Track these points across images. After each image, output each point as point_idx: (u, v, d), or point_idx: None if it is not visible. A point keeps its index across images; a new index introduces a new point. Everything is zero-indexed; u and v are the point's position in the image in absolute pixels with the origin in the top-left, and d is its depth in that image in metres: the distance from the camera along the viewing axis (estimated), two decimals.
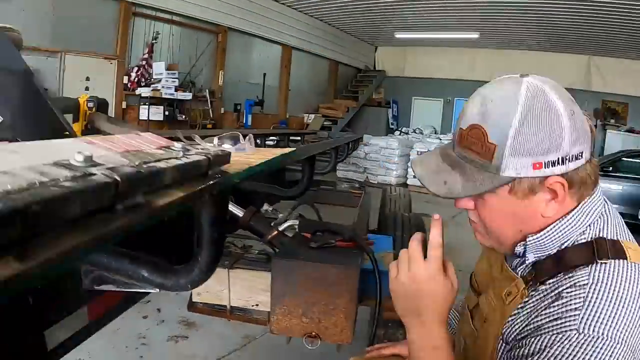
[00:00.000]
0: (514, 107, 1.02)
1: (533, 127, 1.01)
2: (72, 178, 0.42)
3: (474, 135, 1.06)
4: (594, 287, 0.97)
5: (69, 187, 0.40)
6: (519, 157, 1.02)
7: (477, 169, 1.06)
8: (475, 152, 1.06)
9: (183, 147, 0.76)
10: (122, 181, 0.47)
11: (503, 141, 1.02)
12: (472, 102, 1.09)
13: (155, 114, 10.36)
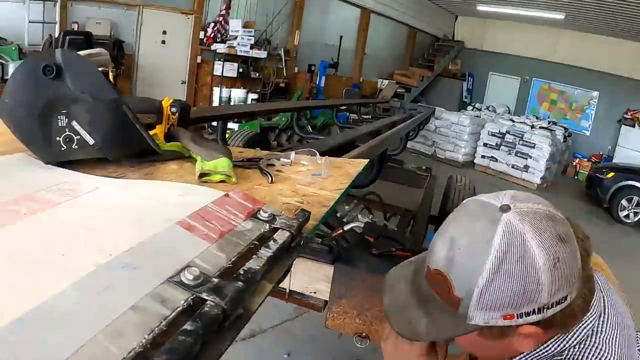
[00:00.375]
0: (483, 260, 0.91)
1: (504, 284, 0.91)
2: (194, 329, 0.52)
3: (439, 280, 0.97)
4: None
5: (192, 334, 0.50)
6: (487, 312, 0.93)
7: (443, 313, 0.98)
8: (441, 296, 0.98)
9: (270, 215, 0.86)
10: (229, 305, 0.58)
11: (469, 295, 0.93)
12: (441, 241, 0.98)
13: (229, 70, 10.54)
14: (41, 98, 1.19)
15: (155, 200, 0.94)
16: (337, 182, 1.40)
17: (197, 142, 1.38)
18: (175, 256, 0.66)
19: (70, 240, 0.74)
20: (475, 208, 0.97)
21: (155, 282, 0.59)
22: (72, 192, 0.99)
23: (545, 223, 0.92)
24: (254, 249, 0.74)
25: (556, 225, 0.93)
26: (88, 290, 0.56)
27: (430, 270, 0.99)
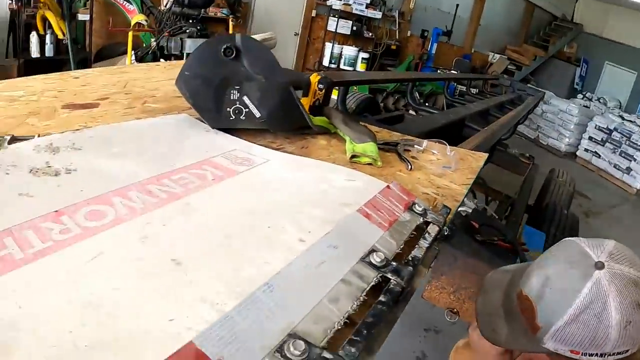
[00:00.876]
0: (568, 306, 1.05)
1: (578, 330, 1.05)
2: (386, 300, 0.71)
3: (527, 305, 1.11)
4: None
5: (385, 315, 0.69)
6: (559, 343, 1.07)
7: (522, 330, 1.13)
8: (525, 317, 1.12)
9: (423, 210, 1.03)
10: (406, 286, 0.76)
11: (547, 328, 1.07)
12: (537, 275, 1.12)
13: (342, 27, 10.63)
14: (219, 74, 1.40)
15: (327, 183, 1.12)
16: (464, 176, 1.55)
17: (348, 124, 1.55)
18: (361, 240, 0.85)
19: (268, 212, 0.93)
20: (574, 254, 1.10)
21: (352, 261, 0.78)
22: (247, 162, 1.19)
23: (630, 289, 1.04)
24: (414, 238, 0.93)
25: (639, 291, 1.05)
26: (309, 264, 0.76)
27: (522, 293, 1.12)
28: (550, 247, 1.17)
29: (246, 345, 0.58)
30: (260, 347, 0.58)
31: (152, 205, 0.88)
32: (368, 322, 0.66)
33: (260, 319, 0.63)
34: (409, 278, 0.79)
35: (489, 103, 5.24)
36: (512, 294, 1.18)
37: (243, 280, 0.70)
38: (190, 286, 0.68)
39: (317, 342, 0.61)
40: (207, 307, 0.64)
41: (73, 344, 0.55)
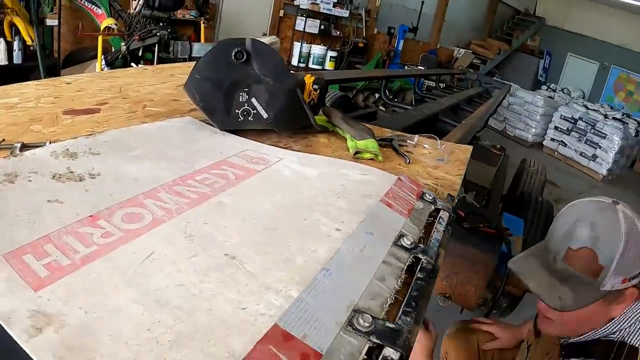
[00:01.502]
0: (619, 237, 1.28)
1: (631, 253, 1.28)
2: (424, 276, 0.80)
3: (583, 256, 1.32)
4: None
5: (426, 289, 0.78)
6: (618, 276, 1.30)
7: (580, 284, 1.32)
8: (581, 269, 1.32)
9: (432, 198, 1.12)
10: (435, 264, 0.85)
11: (610, 263, 1.29)
12: (581, 226, 1.34)
13: (310, 26, 10.82)
14: (229, 77, 1.46)
15: (344, 178, 1.20)
16: (456, 167, 1.64)
17: (348, 122, 1.64)
18: (390, 226, 0.94)
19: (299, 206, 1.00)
20: (593, 204, 1.36)
21: (387, 245, 0.87)
22: (262, 161, 1.25)
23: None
24: (431, 224, 1.02)
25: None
26: (353, 249, 0.84)
27: (571, 250, 1.34)
28: (562, 212, 1.44)
29: (322, 322, 0.65)
30: (334, 323, 0.66)
31: (186, 206, 0.93)
32: (414, 295, 0.75)
33: (327, 299, 0.70)
34: (436, 257, 0.88)
35: (458, 97, 5.39)
36: (557, 262, 1.38)
37: (298, 268, 0.77)
38: (251, 277, 0.74)
39: (378, 316, 0.70)
40: (272, 293, 0.70)
41: (156, 341, 0.58)
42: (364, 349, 0.63)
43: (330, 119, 1.70)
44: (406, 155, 1.57)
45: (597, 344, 1.38)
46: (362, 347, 0.64)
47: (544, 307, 1.47)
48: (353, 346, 0.63)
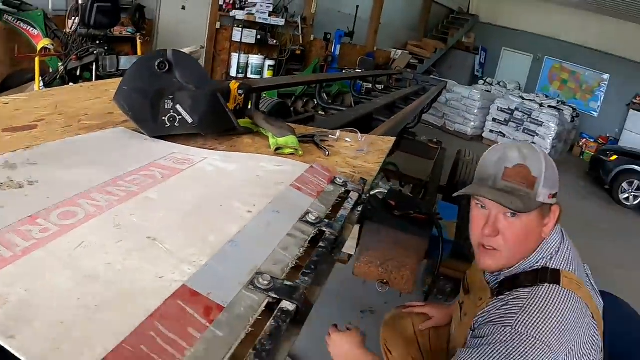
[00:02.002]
0: (540, 156, 1.56)
1: (550, 169, 1.55)
2: (325, 246, 0.91)
3: (519, 171, 1.54)
4: (530, 301, 1.43)
5: (326, 256, 0.89)
6: (545, 189, 1.53)
7: (523, 196, 1.52)
8: (520, 183, 1.53)
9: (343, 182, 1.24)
10: (338, 235, 0.97)
11: (540, 175, 1.53)
12: (511, 151, 1.57)
13: (247, 36, 10.79)
14: (154, 86, 1.56)
15: (261, 169, 1.31)
16: (376, 156, 1.77)
17: (269, 121, 1.75)
18: (298, 205, 1.06)
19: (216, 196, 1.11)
20: (513, 142, 1.76)
21: (293, 221, 0.98)
22: (187, 161, 1.36)
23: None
24: (340, 203, 1.14)
25: None
26: (260, 225, 0.95)
27: (508, 169, 1.55)
28: (486, 153, 1.66)
29: (226, 283, 0.76)
30: (237, 283, 0.77)
31: (115, 202, 1.02)
32: (314, 260, 0.86)
33: (232, 265, 0.81)
34: (340, 230, 1.00)
35: (394, 97, 5.52)
36: (497, 182, 1.57)
37: (210, 244, 0.88)
38: (168, 253, 0.84)
39: (278, 277, 0.81)
40: (186, 265, 0.81)
41: (85, 306, 0.68)
42: (263, 303, 0.75)
43: (253, 120, 1.80)
44: (326, 149, 1.69)
45: (524, 275, 1.54)
46: (261, 302, 0.75)
47: (487, 238, 1.60)
48: (253, 300, 0.74)
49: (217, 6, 10.46)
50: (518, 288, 1.51)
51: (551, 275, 1.50)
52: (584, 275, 1.62)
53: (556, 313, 1.39)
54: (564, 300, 1.42)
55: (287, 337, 0.72)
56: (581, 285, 1.51)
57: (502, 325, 1.41)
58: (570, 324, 1.40)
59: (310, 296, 0.80)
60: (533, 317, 1.38)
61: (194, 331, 0.66)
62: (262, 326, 0.70)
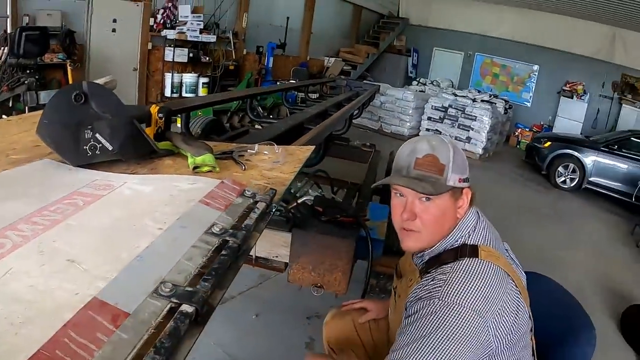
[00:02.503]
0: (447, 146, 1.72)
1: (458, 156, 1.72)
2: (227, 253, 1.02)
3: (429, 160, 1.69)
4: (453, 274, 1.59)
5: (230, 262, 1.00)
6: (454, 174, 1.69)
7: (433, 181, 1.67)
8: (430, 170, 1.68)
9: (252, 193, 1.36)
10: (242, 243, 1.08)
11: (448, 162, 1.68)
12: (420, 143, 1.74)
13: (179, 55, 10.82)
14: (73, 118, 1.63)
15: (175, 189, 1.42)
16: (292, 166, 1.89)
17: (187, 142, 1.85)
18: (205, 219, 1.16)
19: (131, 217, 1.21)
20: (423, 134, 1.95)
21: (199, 234, 1.09)
22: (108, 187, 1.45)
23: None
24: (247, 213, 1.26)
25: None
26: (168, 240, 1.05)
27: (418, 159, 1.70)
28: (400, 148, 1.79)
29: (132, 293, 0.87)
30: (142, 292, 0.87)
31: (40, 231, 1.10)
32: (215, 267, 0.97)
33: (138, 277, 0.92)
34: (243, 238, 1.11)
35: (326, 104, 5.64)
36: (410, 171, 1.70)
37: (122, 260, 0.98)
38: (86, 272, 0.94)
39: (181, 284, 0.92)
40: (100, 280, 0.90)
41: (10, 322, 0.78)
42: (165, 308, 0.86)
43: (172, 142, 1.90)
44: (242, 163, 1.80)
45: (445, 252, 1.71)
46: (164, 307, 0.86)
47: (406, 222, 1.74)
48: (156, 306, 0.85)
49: (148, 27, 10.38)
50: (442, 265, 1.66)
51: (470, 250, 1.66)
52: (503, 250, 1.77)
53: (478, 281, 1.54)
54: (484, 270, 1.58)
55: (187, 337, 0.83)
56: (500, 257, 1.67)
57: (430, 298, 1.54)
58: (493, 289, 1.55)
59: (211, 299, 0.91)
60: (458, 287, 1.53)
61: (102, 336, 0.76)
62: (163, 328, 0.80)
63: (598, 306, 5.53)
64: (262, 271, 4.40)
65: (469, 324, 1.48)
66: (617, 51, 15.63)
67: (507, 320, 1.56)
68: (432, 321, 1.49)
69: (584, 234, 8.63)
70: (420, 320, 1.52)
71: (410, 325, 1.54)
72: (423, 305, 1.54)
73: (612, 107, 15.89)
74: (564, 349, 1.94)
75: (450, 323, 1.47)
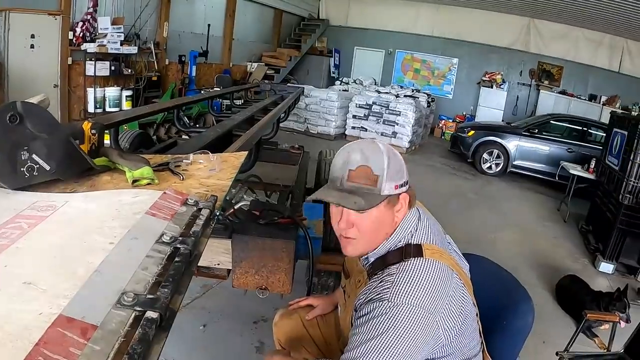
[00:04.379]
0: (382, 155, 1.70)
1: (394, 164, 1.70)
2: (180, 260, 1.06)
3: (362, 171, 1.69)
4: (400, 274, 1.65)
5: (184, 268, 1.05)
6: (389, 182, 1.69)
7: (367, 193, 1.69)
8: (364, 182, 1.69)
9: (194, 201, 1.41)
10: (192, 249, 1.13)
11: (382, 173, 1.68)
12: (354, 153, 1.72)
13: (101, 69, 10.46)
14: (8, 140, 1.60)
15: (119, 203, 1.44)
16: (228, 172, 1.95)
17: (123, 156, 1.86)
18: (154, 230, 1.20)
19: (80, 234, 1.23)
20: (357, 142, 1.79)
21: (151, 244, 1.13)
22: (51, 207, 1.45)
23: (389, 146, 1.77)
24: (192, 221, 1.30)
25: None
26: (122, 252, 1.09)
27: (351, 171, 1.70)
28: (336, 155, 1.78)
29: (96, 306, 0.90)
30: (106, 304, 0.91)
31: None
32: (171, 273, 1.02)
33: (99, 290, 0.95)
34: (194, 244, 1.16)
35: (253, 110, 5.65)
36: (344, 184, 1.71)
37: (80, 277, 1.00)
38: (45, 293, 0.96)
39: (141, 293, 0.96)
40: (61, 298, 0.93)
41: None
42: (131, 316, 0.90)
43: (108, 158, 1.91)
44: (180, 174, 1.84)
45: (390, 253, 1.75)
46: (129, 316, 0.90)
47: (343, 230, 1.79)
48: (122, 316, 0.89)
49: (67, 41, 9.97)
50: (388, 266, 1.72)
51: (415, 249, 1.71)
52: (446, 244, 1.85)
53: (425, 280, 1.62)
54: (429, 268, 1.65)
55: (156, 341, 0.88)
56: (443, 253, 1.74)
57: (380, 300, 1.60)
58: (440, 286, 1.63)
59: (172, 304, 0.96)
60: (406, 288, 1.60)
61: (76, 350, 0.79)
62: (132, 335, 0.85)
63: (534, 281, 5.86)
64: (205, 281, 4.44)
65: (418, 321, 1.56)
66: (532, 41, 16.68)
67: (454, 313, 1.66)
68: (384, 321, 1.55)
69: (513, 214, 9.07)
70: (372, 321, 1.57)
71: (363, 325, 1.60)
72: (374, 307, 1.60)
73: (530, 93, 16.92)
74: (506, 323, 2.07)
75: (401, 322, 1.54)
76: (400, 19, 17.97)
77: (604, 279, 6.40)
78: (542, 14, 15.37)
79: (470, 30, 17.09)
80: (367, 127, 13.44)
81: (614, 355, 3.36)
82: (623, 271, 6.64)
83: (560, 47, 16.34)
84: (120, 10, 11.09)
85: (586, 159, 9.57)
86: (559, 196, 9.84)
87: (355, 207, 1.66)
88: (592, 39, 15.86)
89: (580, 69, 16.33)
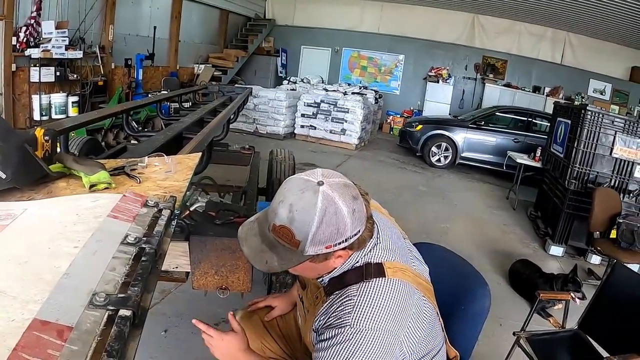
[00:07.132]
0: (313, 216, 1.47)
1: (326, 229, 1.49)
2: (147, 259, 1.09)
3: (284, 232, 1.51)
4: (360, 298, 1.58)
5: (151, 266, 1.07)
6: (316, 246, 1.51)
7: (287, 251, 1.54)
8: (285, 242, 1.53)
9: (155, 202, 1.43)
10: (157, 248, 1.15)
11: (305, 239, 1.49)
12: (282, 207, 1.51)
13: (46, 75, 10.18)
14: None
15: (80, 208, 1.45)
16: (184, 174, 1.97)
17: (78, 162, 1.86)
18: (117, 231, 1.23)
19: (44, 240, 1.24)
20: (300, 183, 1.55)
21: (116, 245, 1.15)
22: (9, 216, 1.44)
23: (345, 189, 1.53)
24: (154, 221, 1.33)
25: (350, 190, 1.55)
26: (88, 255, 1.11)
27: (275, 226, 1.53)
28: (280, 187, 1.60)
29: (69, 308, 0.93)
30: (79, 305, 0.93)
31: None
32: (139, 272, 1.05)
33: (70, 292, 0.98)
34: (158, 244, 1.19)
35: (201, 112, 5.63)
36: (267, 232, 1.57)
37: (48, 282, 1.02)
38: (15, 299, 0.97)
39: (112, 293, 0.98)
40: (32, 304, 0.94)
41: None
42: (104, 316, 0.93)
43: (64, 164, 1.91)
44: (136, 177, 1.86)
45: (349, 273, 1.66)
46: (103, 315, 0.93)
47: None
48: (96, 316, 0.92)
49: (11, 46, 9.65)
50: (347, 286, 1.63)
51: (375, 269, 1.62)
52: (407, 254, 1.78)
53: (387, 301, 1.57)
54: (390, 289, 1.60)
55: (131, 338, 0.91)
56: (406, 270, 1.67)
57: (342, 326, 1.56)
58: (402, 307, 1.60)
59: (143, 302, 0.99)
60: (368, 312, 1.55)
61: (54, 352, 0.82)
62: (108, 334, 0.87)
63: (487, 267, 6.07)
64: (163, 286, 4.41)
65: (382, 344, 1.54)
66: (477, 36, 17.16)
67: (418, 326, 1.66)
68: (348, 347, 1.52)
69: (464, 204, 9.30)
70: (335, 347, 1.54)
71: (326, 350, 1.56)
72: (336, 333, 1.56)
73: (476, 87, 17.38)
74: (464, 307, 2.13)
75: (365, 347, 1.52)
76: (346, 18, 18.17)
77: (554, 262, 6.69)
78: (486, 10, 15.82)
79: (415, 27, 17.41)
80: (316, 126, 13.51)
81: (569, 332, 3.52)
82: (572, 253, 6.98)
83: (504, 42, 16.82)
84: (64, 13, 10.79)
85: (532, 148, 9.95)
86: (507, 185, 10.25)
87: (264, 269, 1.60)
88: (534, 32, 16.43)
89: (523, 62, 16.84)
